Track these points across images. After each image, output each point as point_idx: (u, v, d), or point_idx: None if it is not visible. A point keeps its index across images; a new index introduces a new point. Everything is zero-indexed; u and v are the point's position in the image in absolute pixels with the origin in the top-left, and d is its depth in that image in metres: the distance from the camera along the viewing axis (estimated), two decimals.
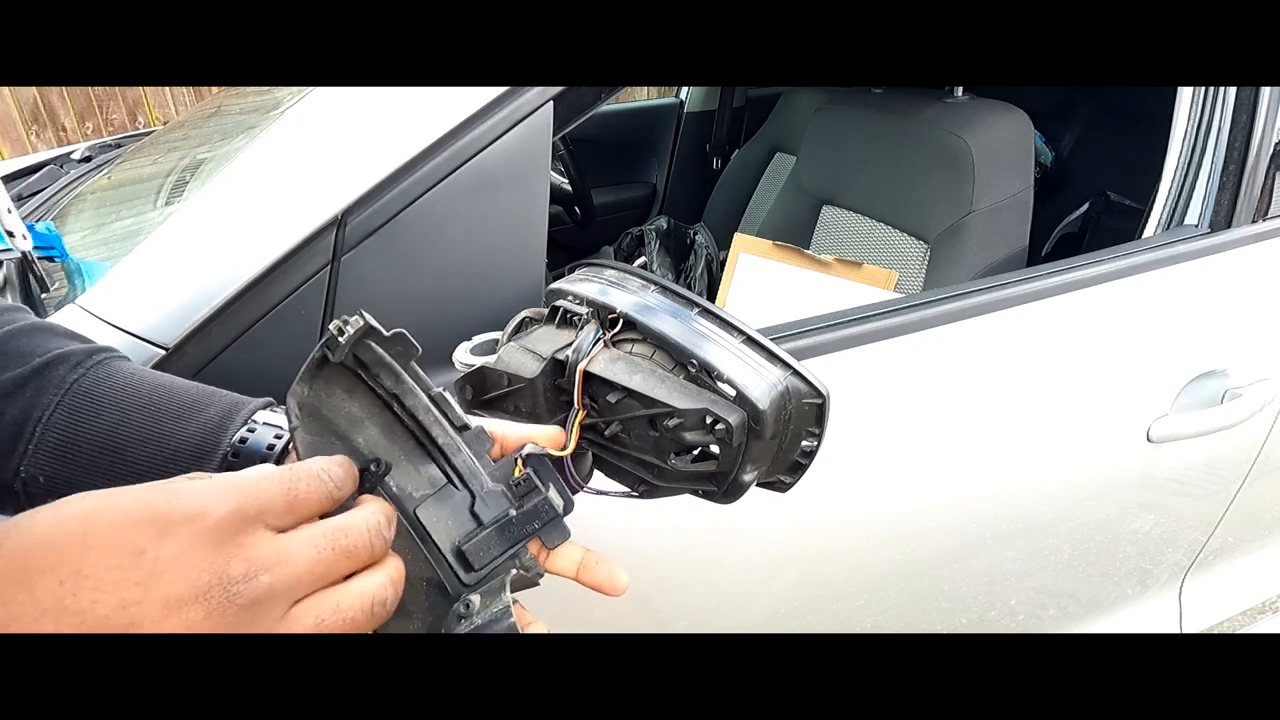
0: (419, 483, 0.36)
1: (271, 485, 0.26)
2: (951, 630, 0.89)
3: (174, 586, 0.23)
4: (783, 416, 0.39)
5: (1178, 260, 0.86)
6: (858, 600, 0.79)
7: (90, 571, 0.22)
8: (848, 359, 0.70)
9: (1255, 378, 0.91)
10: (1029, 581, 0.91)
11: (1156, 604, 1.06)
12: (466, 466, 0.36)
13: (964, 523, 0.80)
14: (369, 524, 0.28)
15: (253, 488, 0.26)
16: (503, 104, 0.56)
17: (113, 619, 0.22)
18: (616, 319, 0.41)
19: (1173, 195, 0.93)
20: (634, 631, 0.68)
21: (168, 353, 0.51)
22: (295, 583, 0.25)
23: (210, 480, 0.26)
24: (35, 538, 0.22)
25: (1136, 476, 0.89)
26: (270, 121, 0.62)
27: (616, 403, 0.39)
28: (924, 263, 1.19)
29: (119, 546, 0.22)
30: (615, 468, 0.42)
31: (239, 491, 0.25)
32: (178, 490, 0.24)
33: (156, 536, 0.23)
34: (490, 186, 0.57)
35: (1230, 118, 0.89)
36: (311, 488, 0.27)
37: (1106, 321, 0.83)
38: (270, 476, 0.27)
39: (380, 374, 0.35)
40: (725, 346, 0.39)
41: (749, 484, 0.41)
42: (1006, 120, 1.15)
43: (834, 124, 1.41)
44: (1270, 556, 1.16)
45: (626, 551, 0.64)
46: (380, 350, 0.34)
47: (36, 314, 0.64)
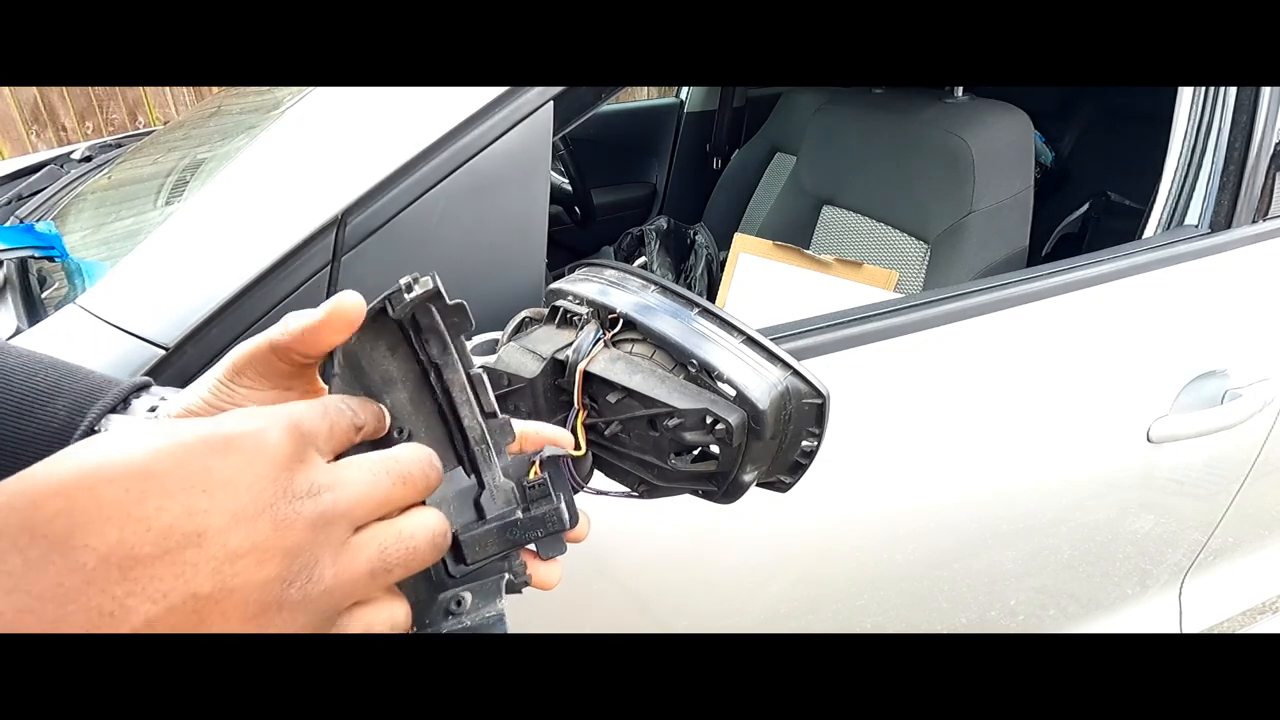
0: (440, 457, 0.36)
1: (314, 411, 0.26)
2: (952, 630, 0.89)
3: (240, 498, 0.23)
4: (783, 416, 0.39)
5: (1178, 260, 0.86)
6: (858, 600, 0.79)
7: (156, 480, 0.22)
8: (848, 359, 0.70)
9: (1255, 378, 0.91)
10: (1029, 581, 0.91)
11: (1156, 604, 1.06)
12: (483, 455, 0.35)
13: (964, 523, 0.80)
14: (420, 455, 0.28)
15: (300, 413, 0.26)
16: (503, 104, 0.56)
17: (178, 526, 0.22)
18: (616, 319, 0.41)
19: (1173, 195, 0.93)
20: (634, 632, 0.68)
21: (168, 353, 0.51)
22: (355, 502, 0.25)
23: (258, 407, 0.26)
24: (100, 452, 0.22)
25: (1136, 477, 0.89)
26: (270, 121, 0.62)
27: (616, 403, 0.39)
28: (924, 263, 1.19)
29: (184, 461, 0.22)
30: (615, 468, 0.42)
31: (290, 415, 0.25)
32: (232, 415, 0.25)
33: (220, 452, 0.23)
34: (490, 187, 0.57)
35: (1230, 118, 0.89)
36: (343, 419, 0.28)
37: (1107, 322, 0.83)
38: (310, 405, 0.27)
39: (430, 340, 0.34)
40: (725, 346, 0.39)
41: (749, 484, 0.41)
42: (1006, 120, 1.15)
43: (834, 124, 1.41)
44: (1270, 557, 1.16)
45: (627, 551, 0.65)
46: (437, 316, 0.33)
47: (36, 314, 0.64)
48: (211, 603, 0.22)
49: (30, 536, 0.20)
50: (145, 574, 0.21)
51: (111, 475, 0.22)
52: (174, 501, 0.22)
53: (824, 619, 0.78)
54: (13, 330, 0.61)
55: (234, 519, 0.22)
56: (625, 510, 0.62)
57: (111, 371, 0.50)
